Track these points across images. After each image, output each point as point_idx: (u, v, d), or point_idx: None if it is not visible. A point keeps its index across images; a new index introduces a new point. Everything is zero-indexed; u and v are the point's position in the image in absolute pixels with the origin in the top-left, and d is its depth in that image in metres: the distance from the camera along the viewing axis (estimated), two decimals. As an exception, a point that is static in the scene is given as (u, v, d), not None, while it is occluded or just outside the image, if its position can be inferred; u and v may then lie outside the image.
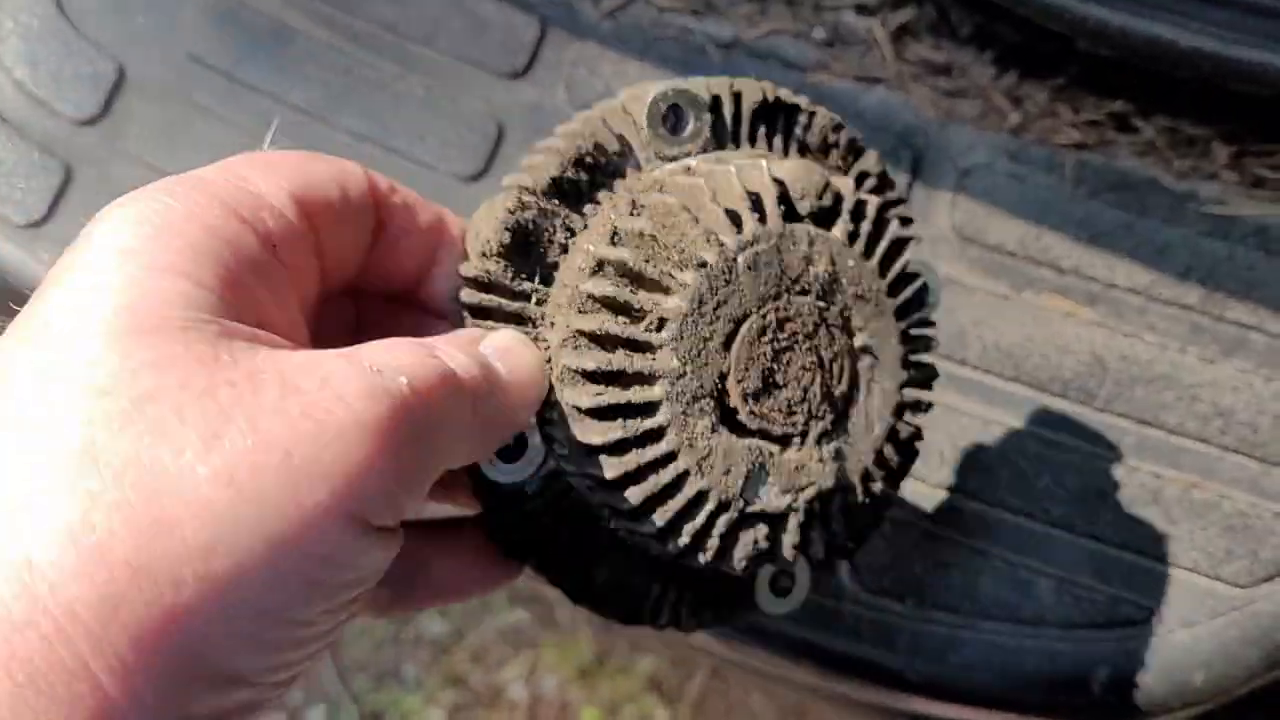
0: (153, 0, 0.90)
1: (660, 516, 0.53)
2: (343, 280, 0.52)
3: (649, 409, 0.52)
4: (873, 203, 0.57)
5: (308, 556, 0.39)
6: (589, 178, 0.57)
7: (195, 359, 0.39)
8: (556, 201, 0.56)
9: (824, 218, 0.55)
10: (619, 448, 0.52)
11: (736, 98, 0.58)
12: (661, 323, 0.52)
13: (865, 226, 0.56)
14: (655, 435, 0.52)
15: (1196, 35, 0.71)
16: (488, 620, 1.98)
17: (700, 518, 0.53)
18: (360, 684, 1.94)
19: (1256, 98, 0.78)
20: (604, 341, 0.52)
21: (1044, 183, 0.83)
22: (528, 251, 0.56)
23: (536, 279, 0.56)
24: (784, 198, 0.54)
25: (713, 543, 0.53)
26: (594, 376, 0.52)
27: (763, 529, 0.54)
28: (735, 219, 0.53)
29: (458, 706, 1.95)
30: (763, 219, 0.53)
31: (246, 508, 0.37)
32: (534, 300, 0.56)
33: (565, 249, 0.56)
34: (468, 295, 0.55)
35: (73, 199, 0.85)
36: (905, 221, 0.61)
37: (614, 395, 0.52)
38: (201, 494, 0.37)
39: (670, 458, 0.52)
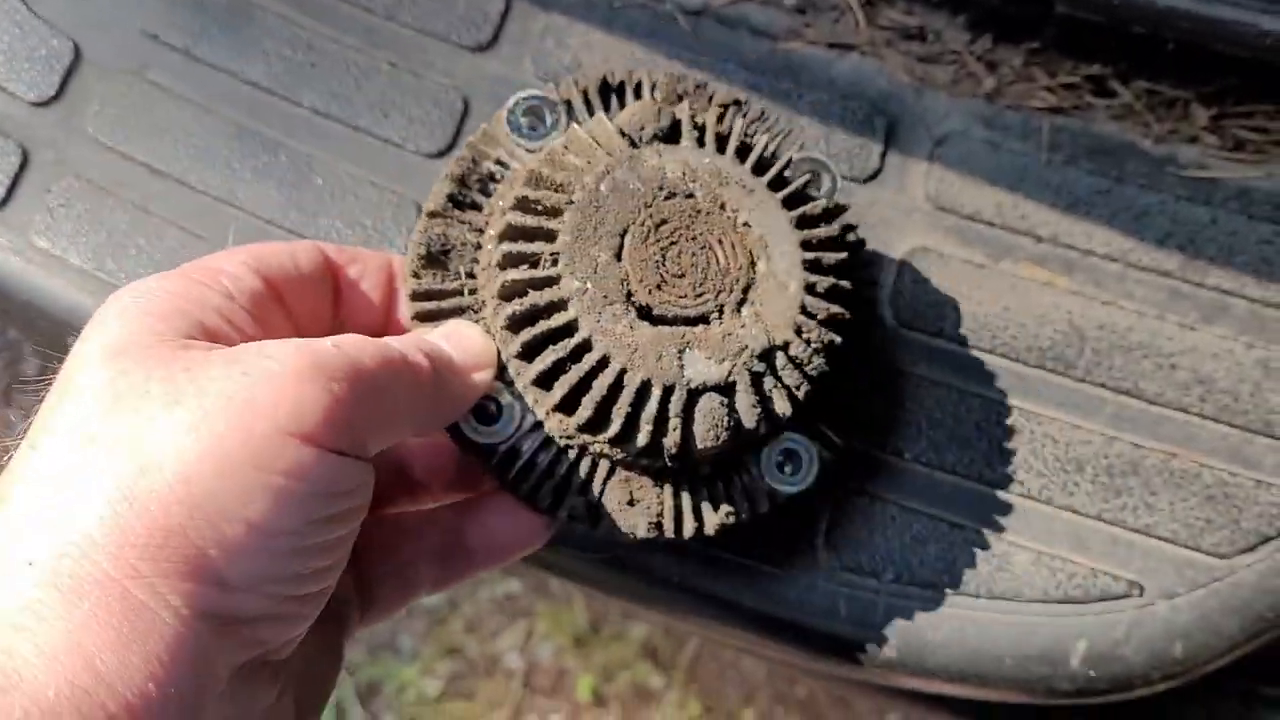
0: (108, -24, 0.88)
1: (616, 418, 0.61)
2: (321, 331, 0.61)
3: (569, 329, 0.61)
4: (713, 113, 0.68)
5: (262, 468, 0.49)
6: (479, 187, 0.69)
7: (159, 359, 0.52)
8: (457, 213, 0.69)
9: (669, 137, 0.66)
10: (555, 370, 0.61)
11: (578, 84, 0.70)
12: (555, 258, 0.62)
13: (710, 132, 0.66)
14: (583, 347, 0.61)
15: (1173, -5, 0.70)
16: (482, 590, 1.98)
17: (651, 406, 0.61)
18: (356, 656, 1.94)
19: (1236, 59, 0.76)
20: (516, 292, 0.63)
21: (1020, 149, 0.81)
22: (447, 260, 0.68)
23: (464, 278, 0.67)
24: (623, 133, 0.65)
25: (673, 424, 0.61)
26: (517, 322, 0.62)
27: (715, 398, 0.61)
28: (588, 158, 0.64)
29: (454, 676, 1.95)
30: (609, 152, 0.64)
31: (206, 442, 0.49)
32: (466, 292, 0.67)
33: (478, 246, 0.68)
34: (412, 308, 0.67)
35: (31, 182, 0.83)
36: (757, 122, 0.72)
37: (538, 329, 0.62)
38: (170, 441, 0.49)
39: (604, 362, 0.61)
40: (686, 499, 0.66)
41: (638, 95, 0.71)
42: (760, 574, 0.73)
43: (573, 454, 0.65)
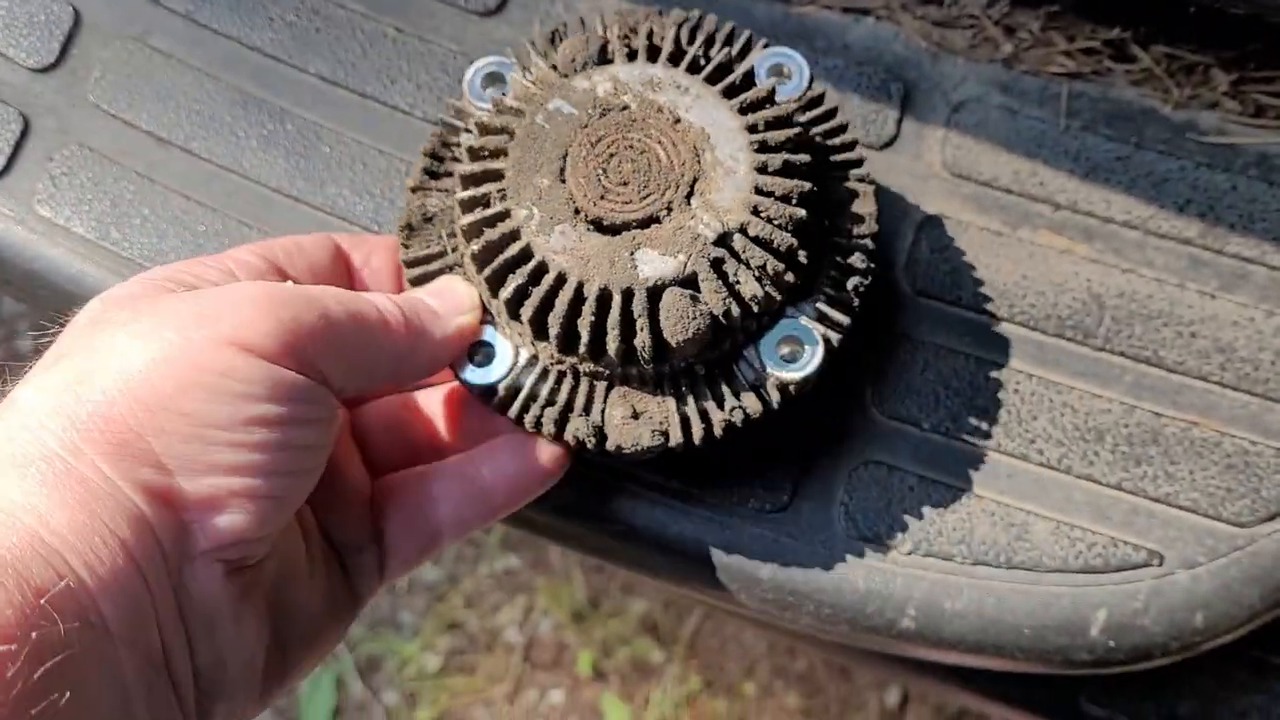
0: (108, -60, 0.86)
1: (583, 330, 0.62)
2: None
3: (525, 255, 0.64)
4: (643, 32, 0.70)
5: (200, 368, 0.54)
6: (452, 156, 0.73)
7: (140, 297, 0.59)
8: (434, 183, 0.72)
9: (600, 61, 0.69)
10: (519, 297, 0.64)
11: (533, 43, 0.73)
12: (503, 192, 0.65)
13: (642, 49, 0.69)
14: (540, 270, 0.63)
15: (1197, -44, 0.68)
16: (482, 565, 1.98)
17: (614, 312, 0.62)
18: (357, 631, 1.94)
19: (1259, 23, 0.75)
20: (477, 230, 0.65)
21: (1038, 115, 0.80)
22: (430, 226, 0.71)
23: (446, 239, 0.70)
24: (554, 66, 0.69)
25: (641, 326, 0.62)
26: (480, 260, 0.65)
27: (677, 292, 0.62)
28: (526, 99, 0.68)
29: (455, 651, 1.95)
30: (540, 84, 0.68)
31: (152, 346, 0.55)
32: (449, 250, 0.70)
33: (452, 210, 0.70)
34: (406, 276, 0.70)
35: (32, 149, 0.82)
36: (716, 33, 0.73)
37: (498, 261, 0.64)
38: (123, 347, 0.55)
39: (561, 279, 0.63)
40: (691, 404, 0.66)
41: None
42: (778, 545, 0.73)
43: (569, 380, 0.67)
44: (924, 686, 1.11)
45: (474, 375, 0.67)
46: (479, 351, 0.67)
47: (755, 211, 0.63)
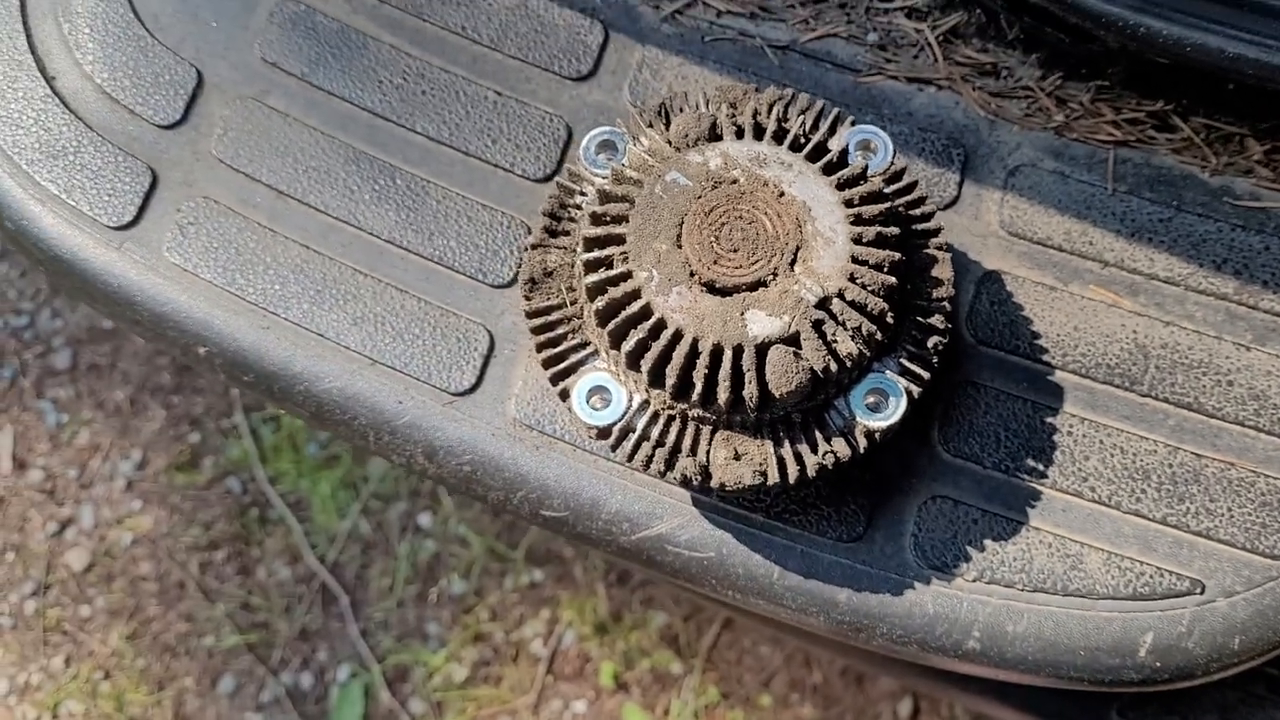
0: (223, 6, 0.93)
1: (697, 381, 0.69)
2: None
3: (645, 312, 0.71)
4: (748, 108, 0.77)
5: None
6: (569, 217, 0.79)
7: None
8: (553, 241, 0.79)
9: (711, 137, 0.75)
10: (640, 350, 0.70)
11: (641, 113, 0.80)
12: (625, 256, 0.72)
13: (747, 124, 0.75)
14: (659, 326, 0.70)
15: (1242, 44, 0.76)
16: (507, 580, 2.04)
17: (725, 365, 0.69)
18: (385, 643, 2.00)
19: (1290, 99, 0.82)
20: (601, 289, 0.72)
21: (1087, 180, 0.88)
22: (550, 281, 0.78)
23: (565, 292, 0.77)
24: (670, 143, 0.76)
25: (748, 378, 0.69)
26: (603, 316, 0.72)
27: (783, 349, 0.69)
28: (644, 170, 0.74)
29: (480, 662, 2.01)
30: (660, 160, 0.75)
31: None
32: (569, 303, 0.77)
33: (573, 265, 0.77)
34: (529, 323, 0.77)
35: (161, 200, 0.89)
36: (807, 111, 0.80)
37: (620, 317, 0.71)
38: None
39: (678, 335, 0.70)
40: (787, 448, 0.73)
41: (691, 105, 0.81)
42: (855, 572, 0.80)
43: (677, 424, 0.74)
44: (965, 701, 1.19)
45: (591, 416, 0.74)
46: (596, 395, 0.74)
47: (852, 279, 0.71)
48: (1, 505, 2.10)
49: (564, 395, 0.75)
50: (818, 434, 0.73)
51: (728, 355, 0.69)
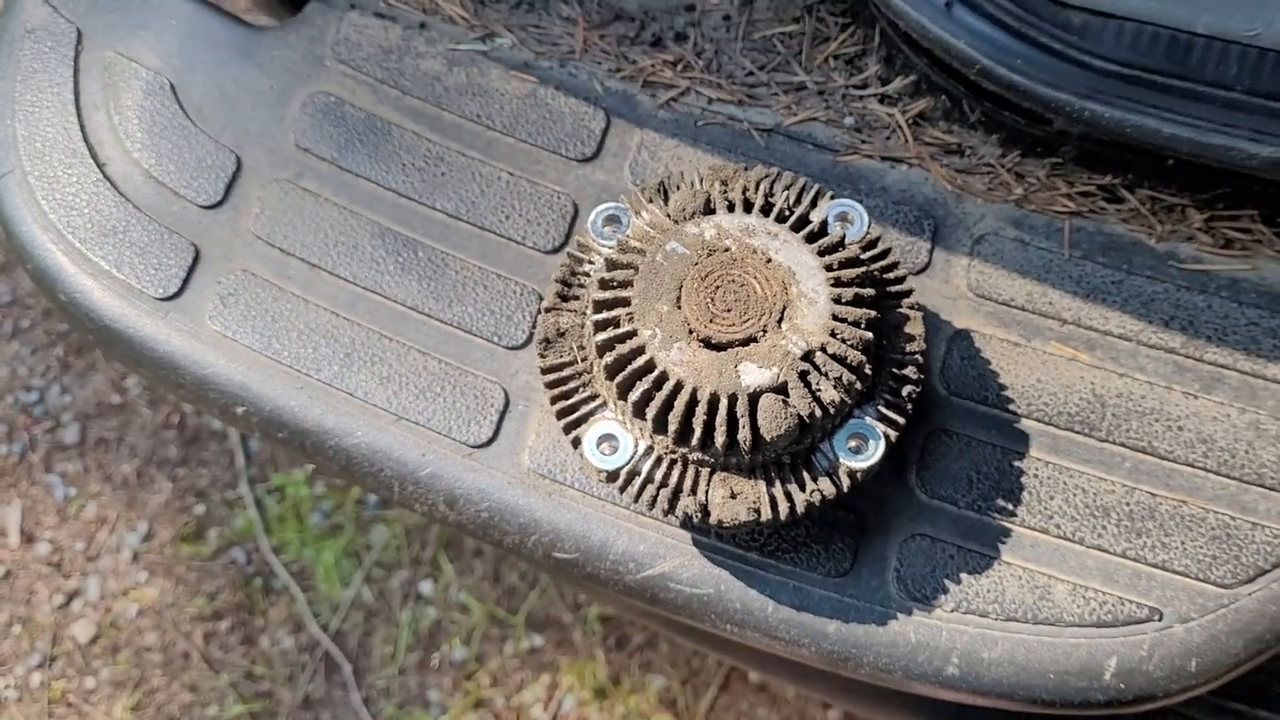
0: (260, 98, 1.03)
1: (697, 427, 0.77)
2: None
3: (649, 366, 0.79)
4: (738, 185, 0.86)
5: None
6: (579, 283, 0.87)
7: None
8: (565, 305, 0.87)
9: (705, 211, 0.85)
10: (645, 400, 0.78)
11: (643, 191, 0.89)
12: (630, 316, 0.80)
13: (737, 200, 0.85)
14: (661, 378, 0.78)
15: (1176, 126, 0.86)
16: (508, 645, 2.08)
17: (721, 412, 0.77)
18: (387, 711, 2.04)
19: (1225, 172, 0.92)
20: (609, 346, 0.80)
21: (1045, 246, 0.97)
22: (563, 340, 0.86)
23: (577, 350, 0.85)
24: (668, 215, 0.85)
25: (743, 424, 0.77)
26: (612, 370, 0.80)
27: (773, 398, 0.77)
28: (646, 240, 0.83)
29: (481, 728, 2.05)
30: (660, 232, 0.83)
31: None
32: (579, 360, 0.85)
33: (583, 326, 0.85)
34: (544, 379, 0.86)
35: (203, 274, 0.97)
36: (791, 186, 0.89)
37: (627, 371, 0.79)
38: None
39: (678, 386, 0.78)
40: (778, 487, 0.81)
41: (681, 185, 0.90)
42: (843, 605, 0.87)
43: (679, 467, 0.82)
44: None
45: (602, 461, 0.81)
46: (606, 442, 0.82)
47: (833, 334, 0.79)
48: (9, 578, 2.15)
49: (576, 443, 0.83)
50: (805, 474, 0.81)
51: (723, 403, 0.77)
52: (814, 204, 0.86)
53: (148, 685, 2.09)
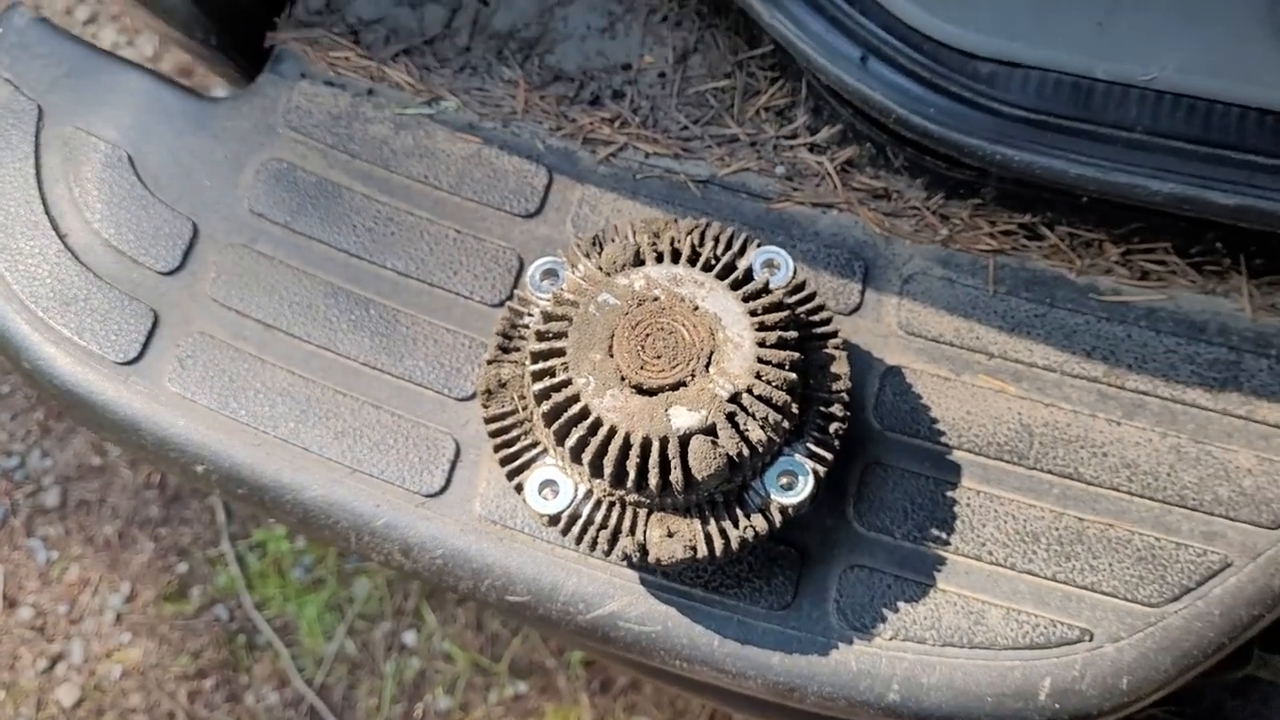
0: (215, 166, 1.07)
1: (630, 470, 0.81)
2: None
3: (584, 413, 0.82)
4: (667, 236, 0.90)
5: None
6: (519, 335, 0.90)
7: None
8: (505, 356, 0.90)
9: (635, 263, 0.88)
10: (580, 445, 0.82)
11: (578, 245, 0.92)
12: (565, 365, 0.84)
13: (666, 251, 0.88)
14: (596, 424, 0.82)
15: (1082, 166, 0.90)
16: (492, 693, 2.10)
17: (654, 455, 0.80)
18: (372, 761, 2.05)
19: (1137, 208, 0.96)
20: (546, 395, 0.84)
21: (971, 284, 1.01)
22: (505, 390, 0.89)
23: (518, 400, 0.89)
24: (600, 267, 0.88)
25: (675, 465, 0.80)
26: (549, 417, 0.83)
27: (702, 439, 0.81)
28: (579, 293, 0.87)
29: (467, 778, 2.05)
30: (591, 285, 0.87)
31: None
32: (520, 409, 0.88)
33: (523, 378, 0.88)
34: (488, 428, 0.89)
35: (161, 337, 1.01)
36: (720, 236, 0.92)
37: (562, 418, 0.82)
38: None
39: (612, 432, 0.81)
40: (713, 525, 0.84)
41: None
42: (785, 637, 0.90)
43: (618, 508, 0.85)
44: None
45: (543, 506, 0.85)
46: (547, 488, 0.85)
47: (758, 376, 0.83)
48: (-8, 644, 2.16)
49: (519, 488, 0.86)
50: (739, 512, 0.84)
51: (655, 446, 0.80)
52: (742, 252, 0.90)
53: (134, 747, 2.10)
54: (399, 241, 1.04)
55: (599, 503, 0.85)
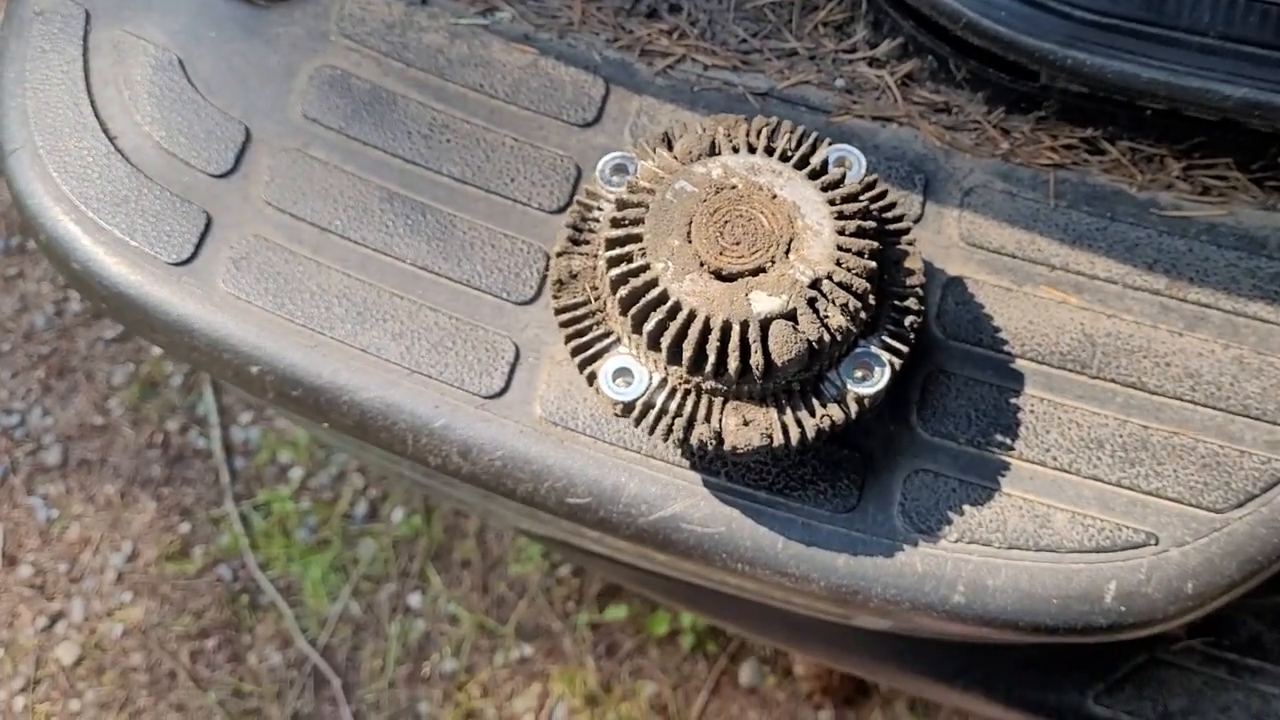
0: (268, 72, 1.06)
1: (710, 354, 0.80)
2: None
3: (662, 298, 0.81)
4: (740, 133, 0.89)
5: None
6: (589, 227, 0.90)
7: None
8: (576, 249, 0.90)
9: (711, 153, 0.88)
10: (659, 331, 0.81)
11: (648, 141, 0.92)
12: (643, 251, 0.83)
13: (742, 140, 0.88)
14: (675, 309, 0.81)
15: (1154, 70, 0.90)
16: (498, 655, 2.09)
17: (734, 339, 0.79)
18: (377, 723, 2.03)
19: (1202, 121, 0.96)
20: (623, 280, 0.82)
21: (1032, 197, 1.01)
22: (576, 281, 0.88)
23: (590, 290, 0.88)
24: (677, 158, 0.88)
25: (755, 350, 0.80)
26: (625, 304, 0.82)
27: (783, 324, 0.80)
28: (655, 181, 0.86)
29: (472, 740, 2.05)
30: (669, 172, 0.87)
31: None
32: (593, 299, 0.88)
33: (595, 267, 0.88)
34: (558, 319, 0.88)
35: (214, 239, 0.99)
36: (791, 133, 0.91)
37: (640, 304, 0.81)
38: None
39: (691, 316, 0.80)
40: (789, 414, 0.83)
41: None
42: (850, 539, 0.90)
43: (693, 396, 0.84)
44: (955, 699, 1.27)
45: (617, 393, 0.84)
46: (620, 377, 0.84)
47: (838, 263, 0.82)
48: (-9, 602, 2.13)
49: (591, 379, 0.86)
50: (815, 401, 0.84)
51: (735, 330, 0.80)
52: (814, 149, 0.90)
53: (134, 706, 2.07)
54: (455, 148, 1.03)
55: (674, 391, 0.84)
